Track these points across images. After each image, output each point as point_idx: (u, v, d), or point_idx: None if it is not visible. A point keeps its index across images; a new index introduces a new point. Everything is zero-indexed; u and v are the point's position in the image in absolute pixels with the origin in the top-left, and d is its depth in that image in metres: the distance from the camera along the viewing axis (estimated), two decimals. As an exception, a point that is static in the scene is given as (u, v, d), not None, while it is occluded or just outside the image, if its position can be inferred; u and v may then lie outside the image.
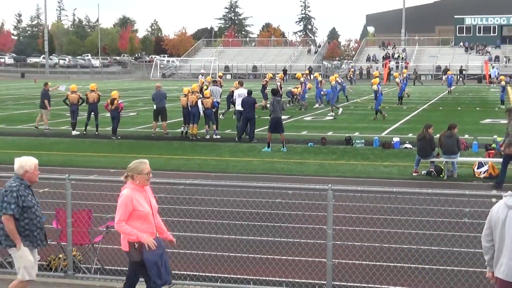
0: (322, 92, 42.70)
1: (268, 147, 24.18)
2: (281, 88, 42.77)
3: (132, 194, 8.13)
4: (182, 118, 28.16)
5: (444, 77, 67.06)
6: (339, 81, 47.30)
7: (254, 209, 14.41)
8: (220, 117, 33.45)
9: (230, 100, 34.76)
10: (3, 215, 8.24)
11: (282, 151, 23.92)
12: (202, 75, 55.94)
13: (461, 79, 75.92)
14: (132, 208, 8.09)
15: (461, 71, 78.55)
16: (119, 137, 27.63)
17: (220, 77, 43.10)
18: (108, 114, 28.78)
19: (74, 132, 28.86)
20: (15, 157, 8.74)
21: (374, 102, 35.57)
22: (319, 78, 44.25)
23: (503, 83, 42.72)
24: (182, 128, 28.24)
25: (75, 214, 10.56)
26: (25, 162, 8.49)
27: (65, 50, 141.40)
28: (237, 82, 30.64)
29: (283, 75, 53.64)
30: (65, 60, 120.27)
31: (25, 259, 8.46)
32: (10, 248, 8.44)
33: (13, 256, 8.57)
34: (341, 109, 38.02)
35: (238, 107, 27.99)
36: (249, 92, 27.37)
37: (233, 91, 33.44)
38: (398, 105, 42.93)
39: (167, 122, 28.87)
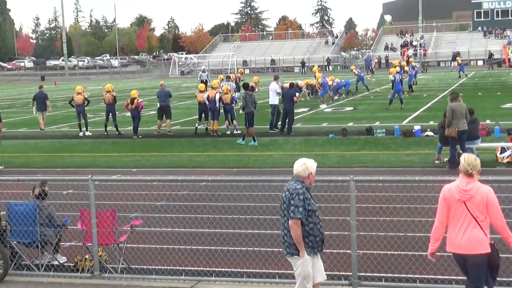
0: (342, 83, 42.62)
1: (255, 140, 24.44)
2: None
3: None
4: (198, 116, 28.33)
5: (454, 63, 67.06)
6: (356, 72, 47.22)
7: (277, 203, 14.41)
8: (240, 112, 33.47)
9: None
10: (291, 219, 7.77)
11: (239, 143, 24.55)
12: (204, 72, 55.71)
13: (488, 64, 76.05)
14: None
15: (490, 56, 78.02)
16: (140, 136, 27.73)
17: (241, 73, 42.94)
18: (129, 114, 28.91)
19: (80, 134, 29.13)
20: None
21: (390, 91, 35.41)
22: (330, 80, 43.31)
23: None
24: (197, 124, 28.27)
25: (99, 215, 10.62)
26: (311, 165, 8.42)
27: (84, 52, 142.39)
28: (257, 78, 30.61)
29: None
30: (84, 61, 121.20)
31: (305, 269, 7.88)
32: (291, 256, 7.94)
33: (293, 264, 8.03)
34: (325, 105, 37.40)
35: (272, 101, 28.12)
36: (291, 85, 27.34)
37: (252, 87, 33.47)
38: (410, 94, 42.53)
39: (171, 120, 29.06)
